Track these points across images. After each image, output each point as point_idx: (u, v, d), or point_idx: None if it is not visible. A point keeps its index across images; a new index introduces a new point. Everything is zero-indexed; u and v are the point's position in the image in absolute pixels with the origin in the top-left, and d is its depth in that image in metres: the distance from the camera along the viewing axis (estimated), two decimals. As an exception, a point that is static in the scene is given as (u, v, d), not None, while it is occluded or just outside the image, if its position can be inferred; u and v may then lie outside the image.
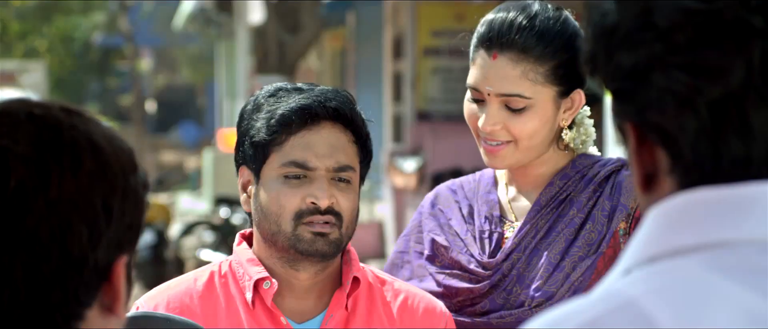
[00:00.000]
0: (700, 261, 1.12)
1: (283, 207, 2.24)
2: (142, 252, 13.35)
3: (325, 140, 2.26)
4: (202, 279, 2.34)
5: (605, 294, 1.13)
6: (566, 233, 2.43)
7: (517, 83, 2.37)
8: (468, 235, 2.51)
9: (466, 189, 2.58)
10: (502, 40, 2.38)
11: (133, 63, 27.02)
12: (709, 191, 1.14)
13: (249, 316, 2.30)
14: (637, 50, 1.16)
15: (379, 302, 2.37)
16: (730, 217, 1.13)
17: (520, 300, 2.42)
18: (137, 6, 27.78)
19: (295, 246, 2.25)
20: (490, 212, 2.52)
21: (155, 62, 34.96)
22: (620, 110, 1.19)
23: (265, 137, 2.26)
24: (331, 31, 17.68)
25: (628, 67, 1.16)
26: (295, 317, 2.32)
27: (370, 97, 14.78)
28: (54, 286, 1.24)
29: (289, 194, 2.25)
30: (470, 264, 2.47)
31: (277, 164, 2.26)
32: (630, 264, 1.16)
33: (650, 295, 1.10)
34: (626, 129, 1.19)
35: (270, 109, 2.27)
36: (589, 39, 1.21)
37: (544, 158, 2.47)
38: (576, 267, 2.40)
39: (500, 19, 2.40)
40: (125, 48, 27.28)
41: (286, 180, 2.25)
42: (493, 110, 2.40)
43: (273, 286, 2.28)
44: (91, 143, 1.27)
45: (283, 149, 2.25)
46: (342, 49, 18.16)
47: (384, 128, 13.92)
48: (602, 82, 1.21)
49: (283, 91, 2.30)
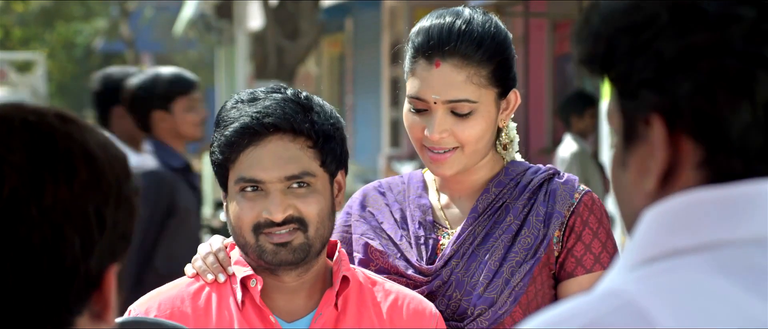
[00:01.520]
0: (699, 261, 1.12)
1: (242, 221, 2.28)
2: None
3: (271, 154, 2.26)
4: (194, 283, 2.36)
5: (606, 295, 1.12)
6: (504, 240, 2.43)
7: (463, 88, 2.38)
8: (403, 241, 2.49)
9: (395, 192, 2.57)
10: (444, 48, 2.38)
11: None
12: (707, 191, 1.14)
13: (240, 316, 2.31)
14: (684, 38, 1.14)
15: (369, 302, 2.37)
16: (728, 217, 1.13)
17: (462, 306, 2.41)
18: (138, 12, 27.86)
19: (261, 257, 2.28)
20: (423, 218, 2.50)
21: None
22: (645, 102, 1.16)
23: (219, 158, 2.30)
24: (330, 37, 17.73)
25: (671, 56, 1.14)
26: (285, 316, 2.34)
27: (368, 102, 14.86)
28: (45, 294, 1.22)
29: (246, 208, 2.27)
30: (408, 269, 2.46)
31: (233, 181, 2.29)
32: (630, 265, 1.15)
33: (650, 296, 1.10)
34: (650, 121, 1.16)
35: (224, 126, 2.30)
36: (599, 36, 1.19)
37: (481, 163, 2.47)
38: (515, 273, 2.40)
39: (437, 26, 2.40)
40: (126, 54, 27.35)
41: (244, 194, 2.28)
42: (439, 118, 2.39)
43: (259, 284, 2.31)
44: (85, 152, 1.25)
45: (235, 166, 2.28)
46: (340, 55, 18.22)
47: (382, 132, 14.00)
48: (616, 77, 1.18)
49: (240, 103, 2.31)
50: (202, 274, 2.36)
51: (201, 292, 2.34)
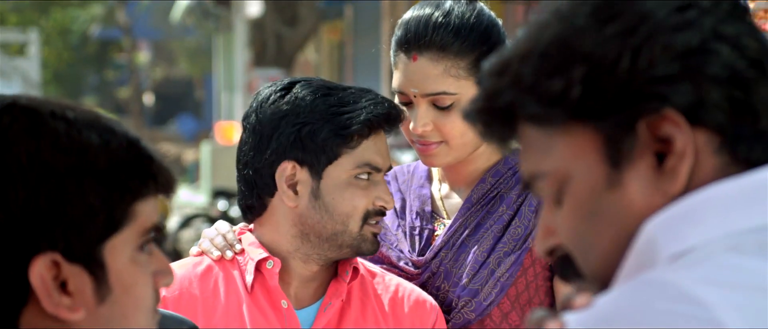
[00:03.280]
0: (727, 246, 1.12)
1: (356, 207, 2.29)
2: (140, 245, 13.36)
3: (385, 143, 2.35)
4: (202, 264, 2.37)
5: (650, 282, 1.11)
6: (494, 230, 2.43)
7: (441, 81, 2.37)
8: (399, 231, 2.51)
9: (399, 181, 2.59)
10: (420, 41, 2.39)
11: (131, 56, 27.01)
12: (724, 184, 1.14)
13: (248, 299, 2.32)
14: (689, 29, 1.15)
15: (372, 293, 2.40)
16: (752, 205, 1.13)
17: (448, 298, 2.42)
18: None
19: (358, 246, 2.31)
20: (421, 208, 2.52)
21: (153, 55, 34.94)
22: (661, 102, 1.14)
23: (338, 141, 2.30)
24: (329, 24, 17.68)
25: (680, 48, 1.14)
26: (293, 302, 2.35)
27: (368, 90, 14.78)
28: None
29: (359, 196, 2.30)
30: (400, 261, 2.48)
31: (350, 166, 2.30)
32: (663, 260, 1.14)
33: (699, 283, 1.09)
34: (667, 118, 1.14)
35: (338, 111, 2.31)
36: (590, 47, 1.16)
37: (477, 153, 2.47)
38: (501, 263, 2.40)
39: (415, 19, 2.41)
40: (123, 41, 27.29)
41: (358, 180, 2.30)
42: (421, 111, 2.39)
43: (276, 265, 2.31)
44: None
45: (355, 151, 2.30)
46: (340, 42, 18.15)
47: (382, 120, 13.92)
48: (623, 84, 1.15)
49: (335, 90, 2.33)
50: (208, 251, 2.36)
51: (209, 274, 2.35)
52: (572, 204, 1.19)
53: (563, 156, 1.18)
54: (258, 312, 2.32)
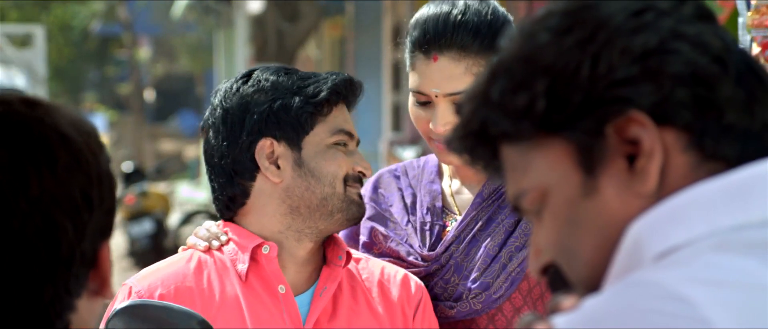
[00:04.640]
0: (718, 244, 1.12)
1: (340, 168, 2.33)
2: (141, 241, 13.35)
3: (349, 116, 2.40)
4: (193, 259, 2.38)
5: (637, 283, 1.12)
6: (506, 225, 2.43)
7: (463, 80, 2.36)
8: (409, 226, 2.52)
9: (410, 176, 2.59)
10: (440, 41, 2.37)
11: (132, 52, 26.99)
12: (708, 183, 1.14)
13: (243, 288, 2.33)
14: (646, 31, 1.16)
15: (359, 277, 2.42)
16: (736, 203, 1.14)
17: (458, 290, 2.42)
18: (136, -6, 27.77)
19: (347, 209, 2.34)
20: (432, 204, 2.52)
21: (154, 51, 34.91)
22: (625, 104, 1.15)
23: (311, 110, 2.33)
24: (330, 20, 17.66)
25: (638, 50, 1.16)
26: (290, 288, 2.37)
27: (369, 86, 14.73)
28: (45, 283, 1.24)
29: (340, 159, 2.33)
30: (409, 255, 2.48)
31: (326, 134, 2.34)
32: (648, 259, 1.15)
33: (686, 282, 1.09)
34: (632, 119, 1.15)
35: (304, 84, 2.35)
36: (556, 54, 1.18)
37: None
38: (513, 258, 2.40)
39: (433, 19, 2.39)
40: (124, 36, 27.25)
41: (337, 147, 2.34)
42: (442, 111, 2.38)
43: (273, 249, 2.32)
44: (60, 135, 1.25)
45: (328, 119, 2.34)
46: (341, 38, 18.13)
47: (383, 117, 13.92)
48: (586, 91, 1.17)
49: (293, 70, 2.39)
50: (195, 245, 2.38)
51: (202, 268, 2.36)
52: (552, 216, 1.21)
53: (540, 171, 1.20)
54: (255, 300, 2.32)
